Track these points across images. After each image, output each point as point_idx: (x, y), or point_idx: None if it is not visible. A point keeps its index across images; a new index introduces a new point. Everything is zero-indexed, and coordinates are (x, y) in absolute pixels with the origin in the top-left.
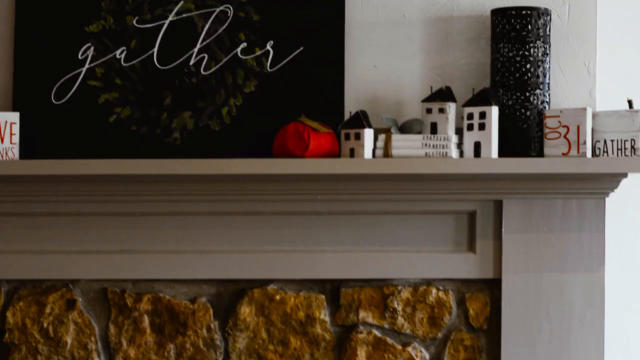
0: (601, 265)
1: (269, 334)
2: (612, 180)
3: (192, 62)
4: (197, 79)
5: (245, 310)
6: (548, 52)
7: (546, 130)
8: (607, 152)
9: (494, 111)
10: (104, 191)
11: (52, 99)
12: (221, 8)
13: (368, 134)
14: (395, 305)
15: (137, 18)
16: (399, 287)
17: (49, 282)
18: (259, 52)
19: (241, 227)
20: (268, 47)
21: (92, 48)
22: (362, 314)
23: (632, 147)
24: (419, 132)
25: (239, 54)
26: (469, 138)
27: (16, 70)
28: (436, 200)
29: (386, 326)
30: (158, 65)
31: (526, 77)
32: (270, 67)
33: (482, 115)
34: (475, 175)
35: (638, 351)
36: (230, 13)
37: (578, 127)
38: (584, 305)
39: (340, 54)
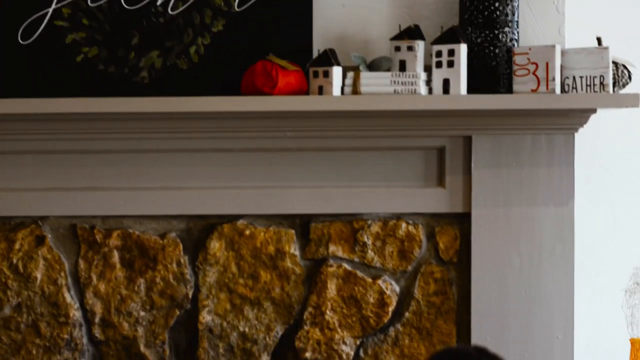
0: (571, 199)
1: (239, 268)
2: (581, 116)
3: (159, 1)
4: (164, 18)
5: (215, 245)
6: None
7: (515, 68)
8: (575, 88)
9: (463, 49)
10: (72, 129)
11: (19, 39)
12: None
13: (336, 71)
14: (365, 239)
15: None
16: (369, 222)
17: (18, 219)
18: None
19: (211, 164)
20: None
21: None
22: (332, 248)
23: (601, 83)
24: (388, 70)
25: None
26: (438, 75)
27: None
28: (405, 137)
29: (356, 260)
30: (125, 5)
31: (495, 15)
32: (238, 7)
33: (451, 52)
34: (444, 112)
35: (607, 284)
36: None
37: (547, 64)
38: (553, 238)
39: None
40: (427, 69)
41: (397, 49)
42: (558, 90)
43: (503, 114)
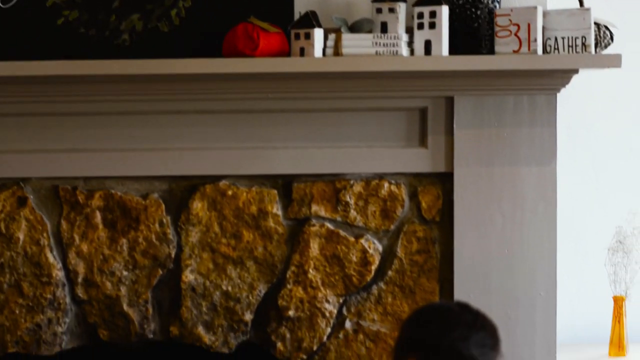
0: (553, 158)
1: (222, 228)
2: (563, 76)
3: None
4: None
5: (198, 206)
6: None
7: (497, 29)
8: (557, 49)
9: (444, 10)
10: (54, 92)
11: (0, 3)
12: None
13: (318, 33)
14: (348, 199)
15: None
16: (351, 182)
17: (0, 181)
18: None
19: (193, 125)
20: None
21: None
22: (314, 208)
23: (583, 44)
24: (369, 32)
25: None
26: (420, 37)
27: None
28: (387, 98)
29: (339, 219)
30: None
31: None
32: None
33: (433, 14)
34: (426, 73)
35: (590, 243)
36: None
37: (529, 25)
38: (536, 197)
39: None
40: (409, 30)
41: (379, 10)
42: (540, 51)
43: (485, 74)
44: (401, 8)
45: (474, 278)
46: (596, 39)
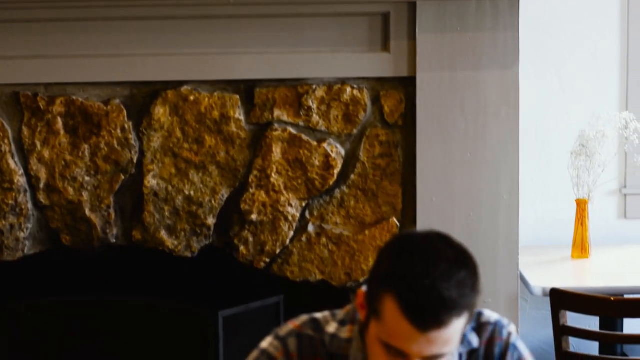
0: (515, 62)
1: (184, 133)
2: None
3: None
4: None
5: (160, 111)
6: None
7: None
8: None
9: None
10: None
11: None
12: None
13: None
14: (310, 104)
15: None
16: (314, 86)
17: None
18: None
19: (155, 31)
20: None
21: None
22: (277, 113)
23: None
24: None
25: None
26: None
27: None
28: (349, 3)
29: (301, 124)
30: None
31: None
32: None
33: None
34: None
35: (553, 146)
36: None
37: None
38: (498, 101)
39: None
40: None
41: None
42: None
43: None
44: None
45: (436, 181)
46: None
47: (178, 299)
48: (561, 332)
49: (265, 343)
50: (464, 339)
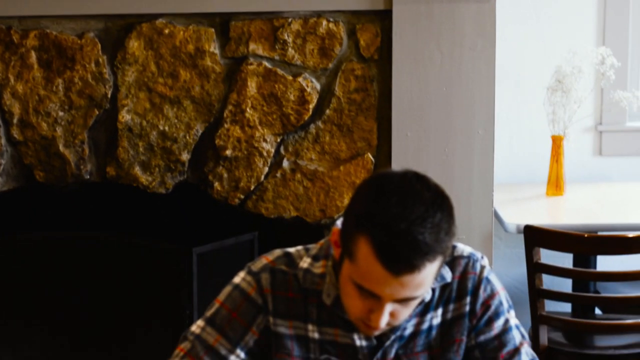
0: None
1: (159, 67)
2: None
3: None
4: None
5: (134, 44)
6: None
7: None
8: None
9: None
10: None
11: None
12: None
13: None
14: (286, 37)
15: None
16: (289, 20)
17: None
18: None
19: None
20: None
21: None
22: (252, 46)
23: None
24: None
25: None
26: None
27: None
28: None
29: (276, 58)
30: None
31: None
32: None
33: None
34: None
35: (529, 82)
36: None
37: None
38: (474, 34)
39: None
40: None
41: None
42: None
43: None
44: None
45: (412, 116)
46: None
47: (152, 235)
48: (534, 269)
49: (238, 278)
50: (438, 274)
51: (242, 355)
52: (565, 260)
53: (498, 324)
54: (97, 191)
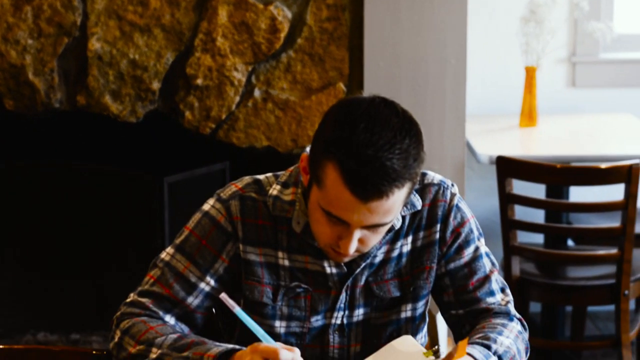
0: None
1: None
2: None
3: None
4: None
5: None
6: None
7: None
8: None
9: None
10: None
11: None
12: None
13: None
14: None
15: None
16: None
17: None
18: None
19: None
20: None
21: None
22: None
23: None
24: None
25: None
26: None
27: None
28: None
29: None
30: None
31: None
32: None
33: None
34: None
35: (503, 12)
36: None
37: None
38: None
39: None
40: None
41: None
42: None
43: None
44: None
45: (383, 45)
46: None
47: (123, 164)
48: (507, 200)
49: (207, 206)
50: (408, 201)
51: (212, 282)
52: (537, 191)
53: (468, 252)
54: (67, 120)
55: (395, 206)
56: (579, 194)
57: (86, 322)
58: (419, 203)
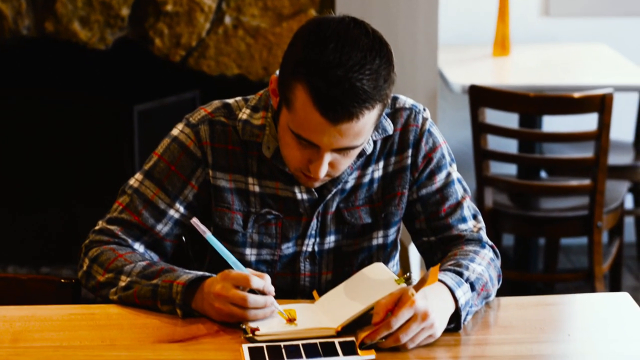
0: None
1: None
2: None
3: None
4: None
5: None
6: None
7: None
8: None
9: None
10: None
11: None
12: None
13: None
14: None
15: None
16: None
17: None
18: None
19: None
20: None
21: None
22: None
23: None
24: None
25: None
26: None
27: None
28: None
29: None
30: None
31: None
32: None
33: None
34: None
35: None
36: None
37: None
38: None
39: None
40: None
41: None
42: None
43: None
44: None
45: None
46: None
47: (92, 92)
48: (480, 129)
49: (176, 130)
50: (379, 125)
51: (182, 209)
52: (511, 122)
53: (440, 177)
54: (35, 47)
55: (365, 128)
56: (552, 124)
57: (56, 255)
58: (390, 127)
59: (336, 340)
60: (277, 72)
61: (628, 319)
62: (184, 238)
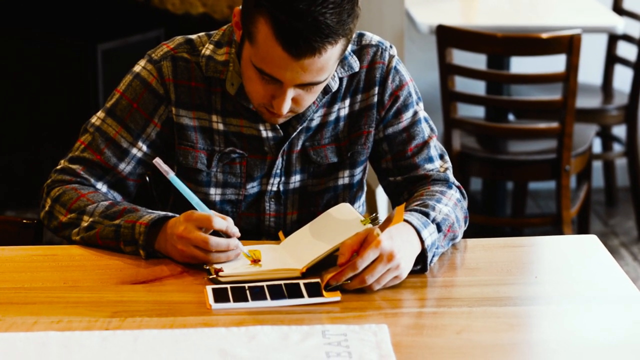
0: None
1: None
2: None
3: None
4: None
5: None
6: None
7: None
8: None
9: None
10: None
11: None
12: None
13: None
14: None
15: None
16: None
17: None
18: None
19: None
20: None
21: None
22: None
23: None
24: None
25: None
26: None
27: None
28: None
29: None
30: None
31: None
32: None
33: None
34: None
35: None
36: None
37: None
38: None
39: None
40: None
41: None
42: None
43: None
44: None
45: None
46: None
47: (54, 31)
48: (447, 70)
49: (138, 67)
50: (345, 62)
51: (144, 148)
52: (478, 64)
53: (407, 116)
54: None
55: (329, 64)
56: (520, 66)
57: (20, 197)
58: (356, 64)
59: (301, 282)
60: (241, 5)
61: (596, 262)
62: (147, 178)
